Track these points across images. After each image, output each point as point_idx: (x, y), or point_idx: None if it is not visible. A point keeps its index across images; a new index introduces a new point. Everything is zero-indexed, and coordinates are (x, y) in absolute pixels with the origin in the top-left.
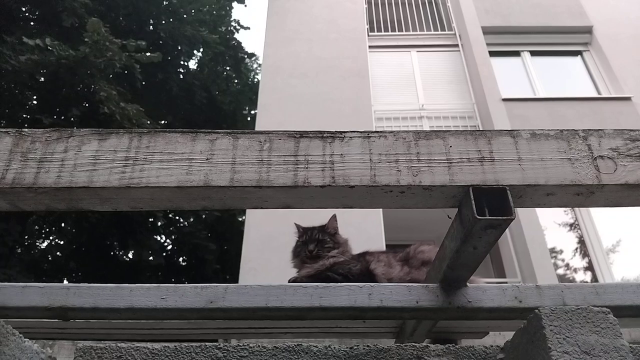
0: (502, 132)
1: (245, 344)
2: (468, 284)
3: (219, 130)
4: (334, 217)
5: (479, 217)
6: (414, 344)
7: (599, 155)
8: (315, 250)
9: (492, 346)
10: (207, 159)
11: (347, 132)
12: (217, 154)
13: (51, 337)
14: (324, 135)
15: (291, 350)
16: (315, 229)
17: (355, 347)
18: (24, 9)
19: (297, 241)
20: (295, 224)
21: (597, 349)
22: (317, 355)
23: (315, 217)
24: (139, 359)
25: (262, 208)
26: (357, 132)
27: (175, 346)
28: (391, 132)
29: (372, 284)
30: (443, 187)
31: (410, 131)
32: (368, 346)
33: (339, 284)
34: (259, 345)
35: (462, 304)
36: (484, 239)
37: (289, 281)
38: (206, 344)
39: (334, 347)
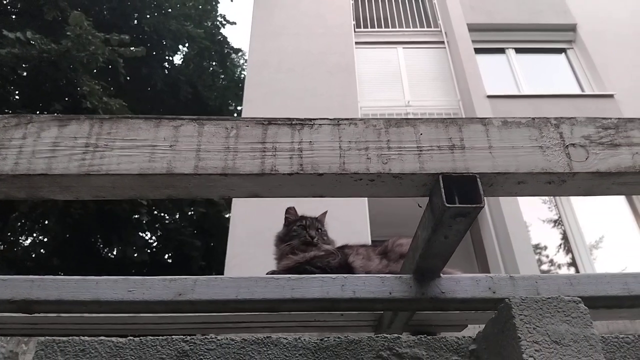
0: (473, 119)
1: (213, 336)
2: (442, 274)
3: (184, 117)
4: (324, 213)
5: (448, 205)
6: (385, 335)
7: (571, 143)
8: (317, 238)
9: (464, 337)
10: (171, 145)
11: (317, 119)
12: (181, 140)
13: (25, 333)
14: (293, 123)
15: (260, 342)
16: (314, 218)
17: (326, 339)
18: (5, 2)
19: (290, 225)
20: (289, 208)
21: (567, 339)
22: (286, 347)
23: (302, 209)
24: (103, 352)
25: (229, 197)
26: (327, 119)
27: (140, 339)
28: (361, 119)
29: (345, 275)
30: (413, 175)
31: (381, 119)
32: (339, 337)
33: (312, 275)
34: (227, 338)
35: (435, 294)
36: (455, 228)
37: (266, 274)
38: (172, 337)
39: (304, 339)
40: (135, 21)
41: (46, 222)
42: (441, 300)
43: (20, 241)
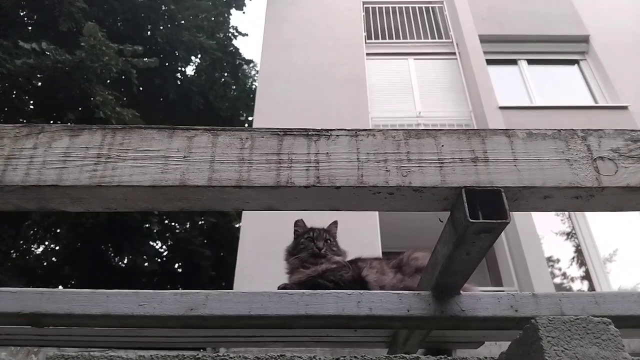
0: (496, 131)
1: (225, 354)
2: (462, 291)
3: (198, 127)
4: (335, 223)
5: (472, 220)
6: (403, 355)
7: (599, 156)
8: (324, 249)
9: (486, 358)
10: (185, 157)
11: (334, 130)
12: (195, 151)
13: (35, 344)
14: (309, 133)
15: None
16: (322, 229)
17: (342, 359)
18: (22, 13)
19: (298, 238)
20: (297, 220)
21: None
22: None
23: (312, 222)
24: None
25: (244, 209)
26: (344, 130)
27: (151, 355)
28: (380, 130)
29: (361, 291)
30: (434, 189)
31: (400, 129)
32: (355, 357)
33: (327, 291)
34: (239, 356)
35: (455, 312)
36: (478, 244)
37: (278, 288)
38: (184, 353)
39: (319, 358)
40: (149, 32)
41: (58, 230)
42: (461, 319)
43: (32, 249)
